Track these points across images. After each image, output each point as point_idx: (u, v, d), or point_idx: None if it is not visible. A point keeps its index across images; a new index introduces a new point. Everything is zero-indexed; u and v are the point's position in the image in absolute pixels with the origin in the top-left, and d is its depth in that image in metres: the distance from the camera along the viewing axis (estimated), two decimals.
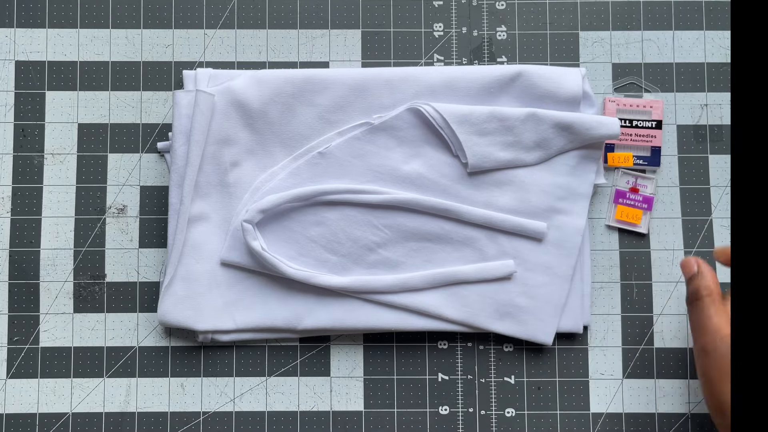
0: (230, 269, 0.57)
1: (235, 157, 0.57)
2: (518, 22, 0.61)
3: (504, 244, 0.56)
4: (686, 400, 0.57)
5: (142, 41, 0.60)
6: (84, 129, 0.60)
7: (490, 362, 0.58)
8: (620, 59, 0.60)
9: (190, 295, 0.56)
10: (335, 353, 0.58)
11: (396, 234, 0.56)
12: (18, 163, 0.59)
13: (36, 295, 0.58)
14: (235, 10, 0.61)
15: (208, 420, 0.57)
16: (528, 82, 0.57)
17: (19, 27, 0.60)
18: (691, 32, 0.60)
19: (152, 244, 0.59)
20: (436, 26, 0.61)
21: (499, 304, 0.56)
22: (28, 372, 0.58)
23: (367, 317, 0.56)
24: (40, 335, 0.58)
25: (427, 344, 0.58)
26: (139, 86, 0.60)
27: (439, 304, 0.56)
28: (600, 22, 0.61)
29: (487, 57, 0.60)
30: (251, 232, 0.55)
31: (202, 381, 0.58)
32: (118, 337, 0.58)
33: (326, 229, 0.56)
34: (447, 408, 0.58)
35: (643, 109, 0.59)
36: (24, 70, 0.60)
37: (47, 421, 0.57)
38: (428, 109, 0.56)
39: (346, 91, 0.57)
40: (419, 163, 0.57)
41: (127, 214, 0.59)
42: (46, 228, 0.59)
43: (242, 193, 0.57)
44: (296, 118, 0.57)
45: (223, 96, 0.57)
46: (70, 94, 0.60)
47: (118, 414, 0.57)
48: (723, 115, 0.60)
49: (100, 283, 0.58)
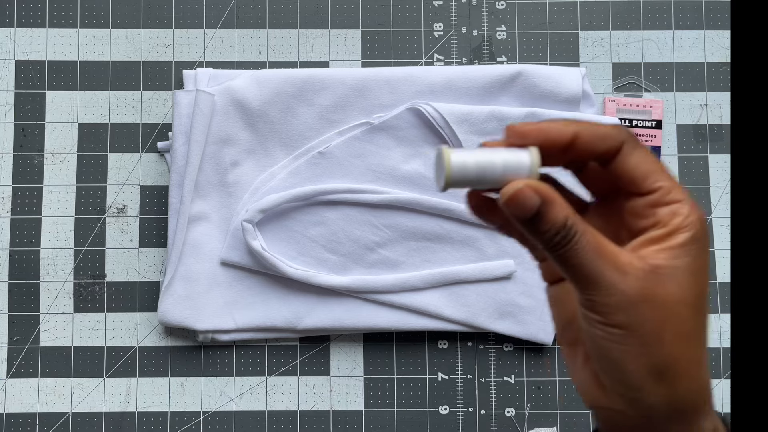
0: (230, 269, 0.57)
1: (235, 156, 0.57)
2: (518, 21, 0.61)
3: (504, 244, 0.56)
4: None
5: (142, 41, 0.60)
6: (84, 129, 0.60)
7: (490, 362, 0.58)
8: (620, 59, 0.60)
9: (190, 294, 0.56)
10: (335, 353, 0.58)
11: (396, 233, 0.56)
12: (18, 162, 0.59)
13: (36, 295, 0.58)
14: (235, 10, 0.61)
15: (208, 420, 0.57)
16: (528, 81, 0.57)
17: (19, 27, 0.60)
18: (691, 32, 0.60)
19: (152, 244, 0.59)
20: (436, 26, 0.61)
21: (499, 304, 0.56)
22: (29, 372, 0.58)
23: (367, 317, 0.56)
24: (40, 335, 0.58)
25: (427, 344, 0.58)
26: (139, 86, 0.60)
27: (439, 303, 0.56)
28: (600, 22, 0.61)
29: (487, 57, 0.60)
30: (251, 231, 0.55)
31: (202, 381, 0.58)
32: (118, 336, 0.58)
33: (326, 229, 0.56)
34: (447, 407, 0.58)
35: (643, 109, 0.59)
36: (24, 70, 0.60)
37: (47, 421, 0.57)
38: (428, 109, 0.56)
39: (346, 90, 0.57)
40: (419, 162, 0.57)
41: (127, 214, 0.59)
42: (46, 228, 0.59)
43: (242, 192, 0.57)
44: (296, 118, 0.57)
45: (223, 96, 0.57)
46: (70, 93, 0.60)
47: (118, 414, 0.57)
48: (723, 114, 0.60)
49: (100, 283, 0.58)
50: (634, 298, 0.27)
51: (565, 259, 0.27)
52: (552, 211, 0.27)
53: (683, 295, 0.27)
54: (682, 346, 0.28)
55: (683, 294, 0.27)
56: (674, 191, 0.28)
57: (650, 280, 0.27)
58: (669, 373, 0.28)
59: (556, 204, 0.27)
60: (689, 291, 0.28)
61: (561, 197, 0.27)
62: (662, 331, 0.27)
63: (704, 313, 0.29)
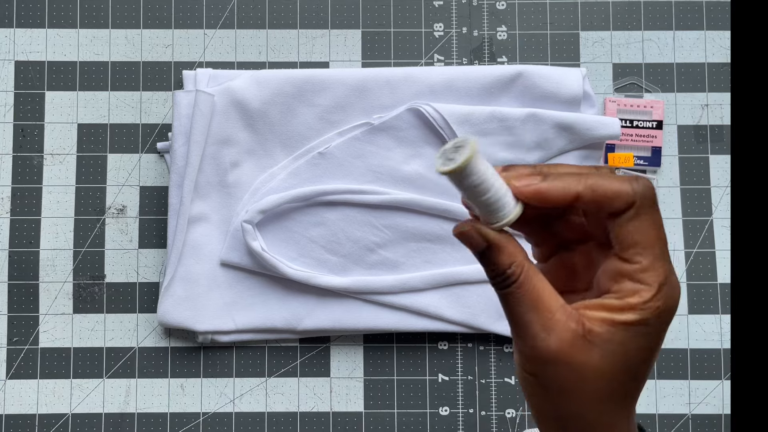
0: (230, 270, 0.57)
1: (235, 157, 0.57)
2: (518, 22, 0.60)
3: None
4: (686, 401, 0.57)
5: (142, 41, 0.60)
6: (83, 129, 0.60)
7: (490, 363, 0.58)
8: (621, 59, 0.60)
9: (189, 295, 0.56)
10: (335, 354, 0.58)
11: (396, 234, 0.56)
12: (17, 163, 0.59)
13: (35, 296, 0.58)
14: (235, 10, 0.60)
15: (207, 421, 0.57)
16: (528, 82, 0.57)
17: (18, 27, 0.60)
18: (692, 32, 0.60)
19: (152, 245, 0.59)
20: (437, 26, 0.60)
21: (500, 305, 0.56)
22: (28, 373, 0.58)
23: (367, 318, 0.56)
24: (40, 336, 0.58)
25: (428, 345, 0.58)
26: (138, 86, 0.60)
27: (439, 304, 0.56)
28: (600, 22, 0.61)
29: (488, 57, 0.60)
30: (251, 232, 0.55)
31: (202, 382, 0.58)
32: (118, 337, 0.58)
33: (326, 230, 0.56)
34: (447, 409, 0.58)
35: (644, 110, 0.59)
36: (24, 70, 0.60)
37: (47, 422, 0.57)
38: (428, 110, 0.56)
39: (347, 91, 0.57)
40: (419, 163, 0.57)
41: (127, 215, 0.59)
42: (45, 228, 0.59)
43: (242, 193, 0.57)
44: (296, 119, 0.57)
45: (223, 96, 0.57)
46: (70, 94, 0.60)
47: (118, 415, 0.57)
48: (723, 115, 0.60)
49: (99, 284, 0.58)
50: (550, 357, 0.28)
51: (501, 299, 0.29)
52: (495, 256, 0.28)
53: (604, 366, 0.28)
54: (593, 409, 0.29)
55: (604, 365, 0.28)
56: (649, 273, 0.28)
57: (575, 343, 0.28)
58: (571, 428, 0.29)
59: (502, 251, 0.28)
60: (613, 365, 0.28)
61: (513, 245, 0.28)
62: (571, 392, 0.28)
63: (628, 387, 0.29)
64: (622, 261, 0.28)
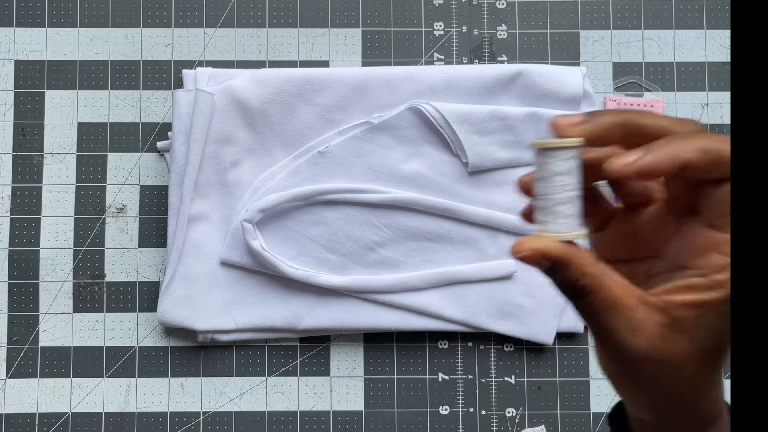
0: (230, 269, 0.57)
1: (235, 156, 0.57)
2: (519, 21, 0.60)
3: (504, 244, 0.56)
4: None
5: (142, 40, 0.60)
6: (83, 128, 0.60)
7: (490, 362, 0.58)
8: (621, 58, 0.60)
9: (189, 294, 0.56)
10: (335, 353, 0.58)
11: (396, 233, 0.56)
12: (17, 162, 0.59)
13: (35, 295, 0.58)
14: (235, 9, 0.60)
15: (207, 420, 0.57)
16: (528, 81, 0.57)
17: (18, 26, 0.60)
18: (692, 31, 0.60)
19: (152, 244, 0.59)
20: (437, 25, 0.60)
21: (500, 304, 0.56)
22: (28, 372, 0.58)
23: (367, 317, 0.56)
24: (40, 335, 0.58)
25: (428, 344, 0.58)
26: (138, 85, 0.60)
27: (439, 303, 0.56)
28: (600, 21, 0.60)
29: (488, 56, 0.60)
30: (251, 231, 0.55)
31: (202, 381, 0.58)
32: (118, 336, 0.58)
33: (326, 229, 0.56)
34: (447, 408, 0.57)
35: (644, 108, 0.59)
36: (24, 69, 0.60)
37: (47, 421, 0.57)
38: (428, 109, 0.56)
39: (347, 90, 0.57)
40: (419, 162, 0.57)
41: (127, 214, 0.59)
42: (45, 228, 0.59)
43: (242, 192, 0.57)
44: (296, 118, 0.57)
45: (223, 95, 0.57)
46: (70, 93, 0.60)
47: (118, 414, 0.57)
48: (723, 114, 0.60)
49: (99, 283, 0.58)
50: (641, 357, 0.26)
51: (579, 309, 0.27)
52: (563, 272, 0.26)
53: (695, 350, 0.26)
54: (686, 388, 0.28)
55: (695, 349, 0.26)
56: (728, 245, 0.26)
57: (664, 336, 0.26)
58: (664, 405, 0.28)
59: (570, 266, 0.26)
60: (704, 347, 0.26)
61: (580, 255, 0.26)
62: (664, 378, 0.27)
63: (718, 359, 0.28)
64: (714, 229, 0.26)
